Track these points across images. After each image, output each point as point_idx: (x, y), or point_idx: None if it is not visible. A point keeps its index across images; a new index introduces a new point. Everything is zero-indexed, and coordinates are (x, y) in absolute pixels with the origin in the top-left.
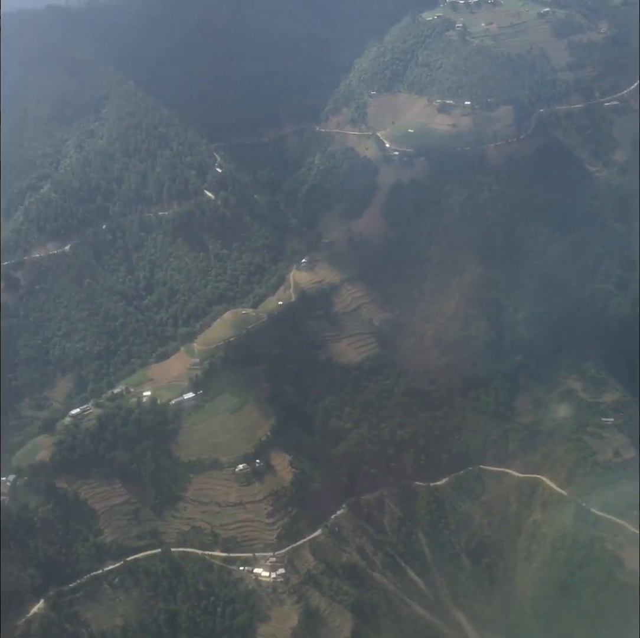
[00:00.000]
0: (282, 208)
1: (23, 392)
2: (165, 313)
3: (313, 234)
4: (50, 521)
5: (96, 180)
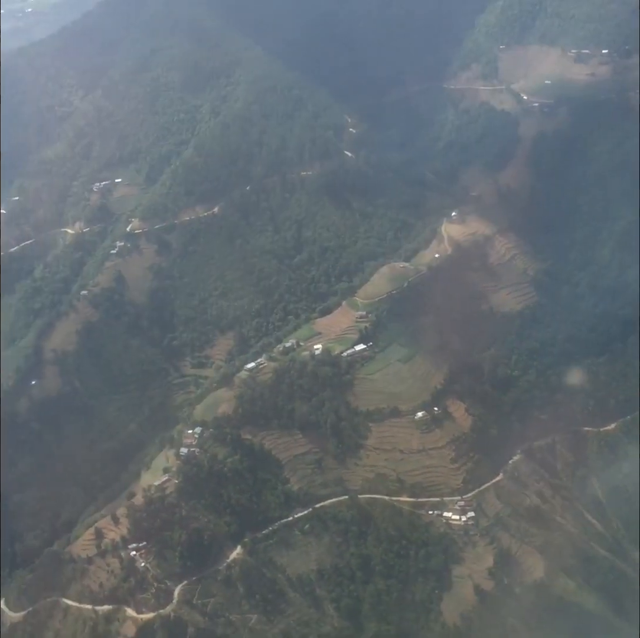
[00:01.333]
0: (418, 166)
1: (184, 352)
2: (317, 270)
3: (457, 188)
4: (239, 471)
5: (236, 143)
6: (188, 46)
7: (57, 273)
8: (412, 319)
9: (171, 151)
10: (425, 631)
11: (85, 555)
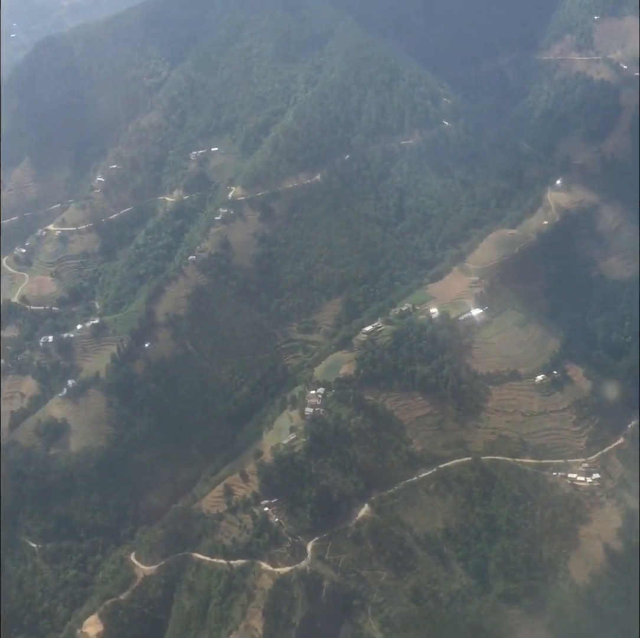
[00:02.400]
0: (513, 135)
1: (291, 317)
2: (420, 238)
3: (557, 157)
4: (363, 431)
5: (335, 112)
6: (279, 17)
7: (159, 240)
8: (524, 284)
9: (267, 120)
10: (554, 589)
11: (215, 511)
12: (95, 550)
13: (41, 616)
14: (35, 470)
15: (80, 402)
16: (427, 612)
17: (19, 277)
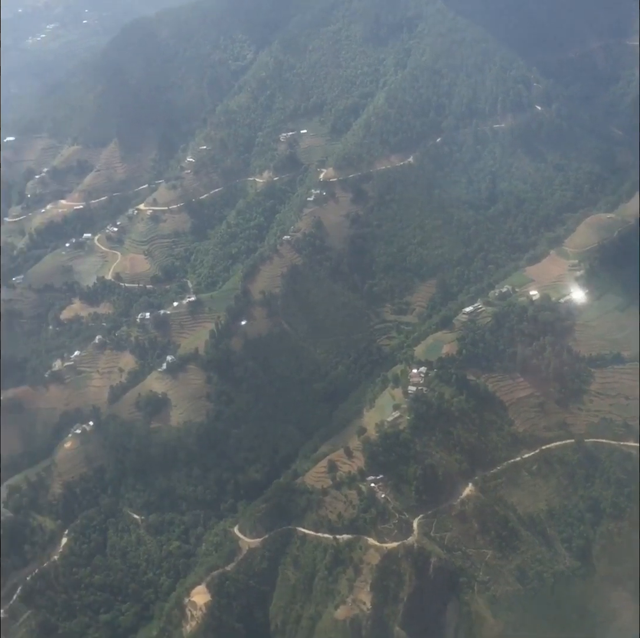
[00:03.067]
0: (605, 121)
1: (384, 298)
2: (514, 221)
3: None
4: (466, 411)
5: (426, 95)
6: (368, 0)
7: (250, 220)
8: (624, 268)
9: (356, 103)
10: None
11: (319, 487)
12: (196, 522)
13: (145, 585)
14: (137, 443)
15: (179, 377)
16: (532, 592)
17: (111, 255)
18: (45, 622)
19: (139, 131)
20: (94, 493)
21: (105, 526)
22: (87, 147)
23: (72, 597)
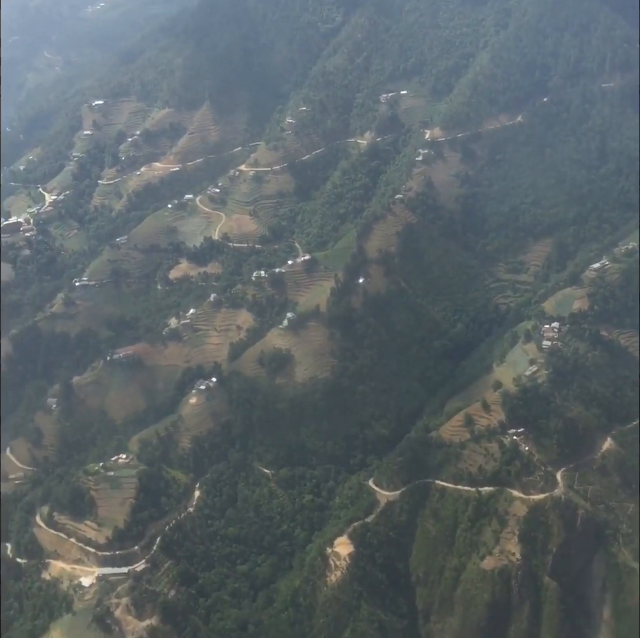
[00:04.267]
0: None
1: (497, 257)
2: (626, 180)
3: None
4: (600, 366)
5: (531, 55)
6: None
7: (355, 180)
8: None
9: (457, 63)
10: None
11: (457, 440)
12: (327, 477)
13: (280, 538)
14: (264, 399)
15: (301, 334)
16: None
17: (215, 216)
18: (185, 571)
19: (230, 93)
20: (222, 448)
21: (234, 480)
22: (179, 110)
23: (209, 548)
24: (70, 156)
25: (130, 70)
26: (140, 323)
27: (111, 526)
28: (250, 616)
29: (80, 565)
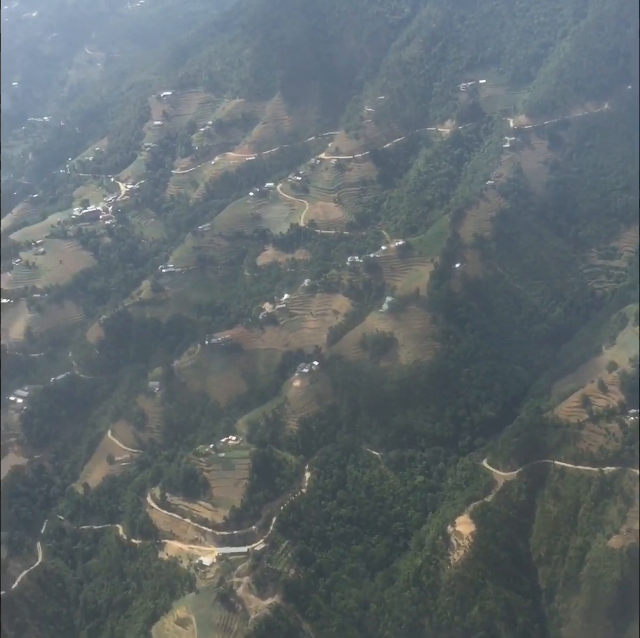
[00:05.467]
0: None
1: (589, 243)
2: None
3: None
4: None
5: (614, 43)
6: None
7: (439, 168)
8: None
9: (535, 53)
10: None
11: (574, 421)
12: (437, 458)
13: (393, 518)
14: (369, 382)
15: (401, 318)
16: None
17: (298, 203)
18: (303, 551)
19: (301, 84)
20: (329, 430)
21: (343, 462)
22: (250, 100)
23: (324, 528)
24: (142, 146)
25: (197, 62)
26: (230, 309)
27: (226, 507)
28: (371, 595)
29: (198, 545)
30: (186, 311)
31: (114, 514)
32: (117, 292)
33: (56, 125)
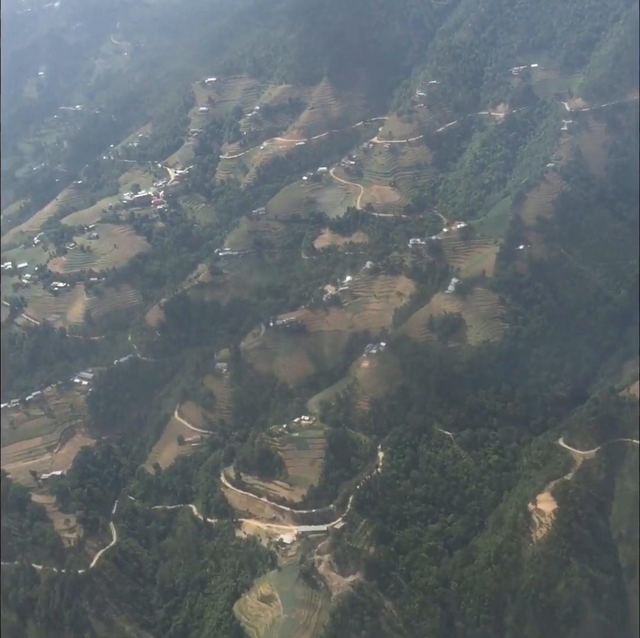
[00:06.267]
0: None
1: None
2: None
3: None
4: None
5: None
6: None
7: (495, 151)
8: None
9: (587, 37)
10: None
11: None
12: (510, 438)
13: (468, 498)
14: (438, 362)
15: (468, 299)
16: None
17: (352, 187)
18: (381, 530)
19: (348, 69)
20: (399, 411)
21: (414, 442)
22: (297, 86)
23: (400, 507)
24: (188, 131)
25: (239, 49)
26: (290, 292)
27: (303, 486)
28: (451, 573)
29: (276, 523)
30: (245, 294)
31: (187, 494)
32: (173, 276)
33: (90, 113)
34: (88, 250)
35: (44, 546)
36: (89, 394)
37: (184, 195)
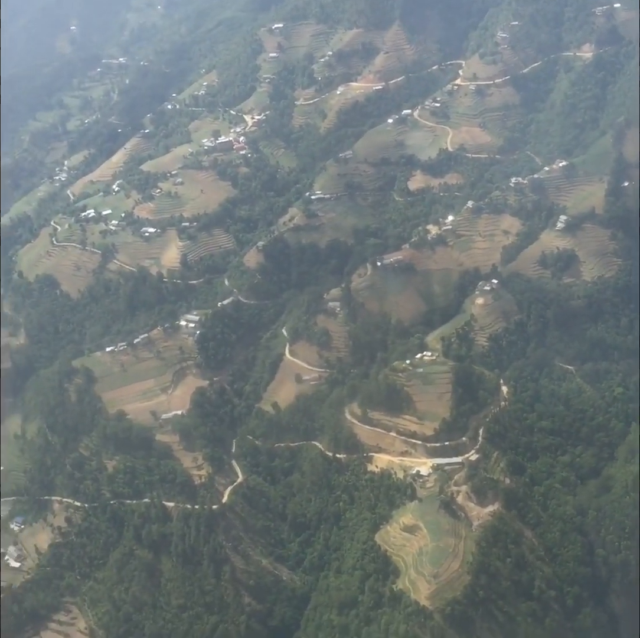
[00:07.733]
0: None
1: None
2: None
3: None
4: None
5: None
6: None
7: (585, 91)
8: None
9: None
10: None
11: None
12: (632, 370)
13: (596, 429)
14: (555, 297)
15: (578, 235)
16: None
17: (439, 129)
18: (514, 461)
19: (419, 13)
20: (518, 346)
21: (536, 376)
22: (368, 30)
23: (530, 439)
24: (260, 77)
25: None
26: (387, 233)
27: (432, 420)
28: (587, 502)
29: (409, 457)
30: (342, 236)
31: (309, 431)
32: (265, 220)
33: (136, 65)
34: (175, 196)
35: (174, 483)
36: (197, 336)
37: (263, 141)
